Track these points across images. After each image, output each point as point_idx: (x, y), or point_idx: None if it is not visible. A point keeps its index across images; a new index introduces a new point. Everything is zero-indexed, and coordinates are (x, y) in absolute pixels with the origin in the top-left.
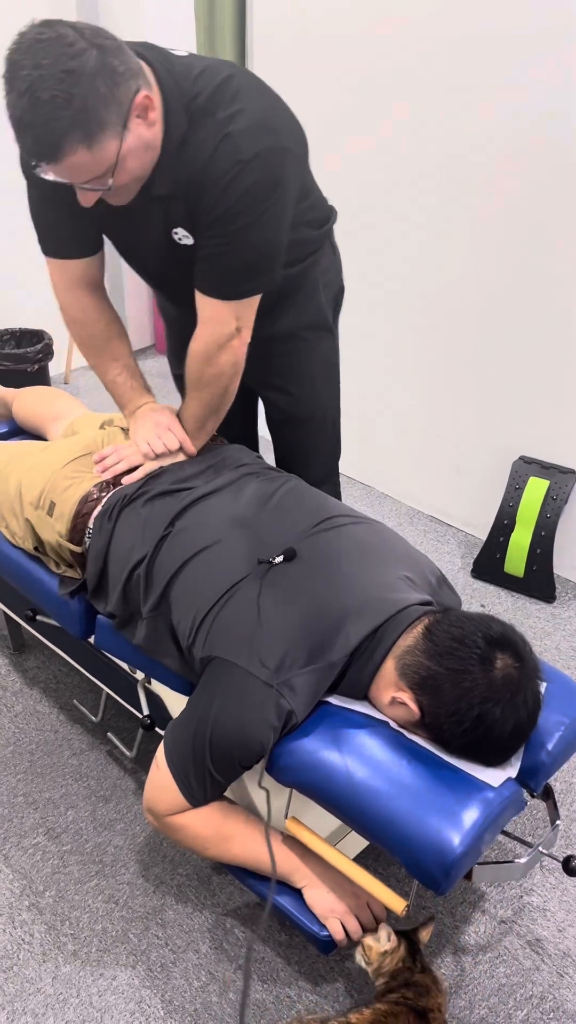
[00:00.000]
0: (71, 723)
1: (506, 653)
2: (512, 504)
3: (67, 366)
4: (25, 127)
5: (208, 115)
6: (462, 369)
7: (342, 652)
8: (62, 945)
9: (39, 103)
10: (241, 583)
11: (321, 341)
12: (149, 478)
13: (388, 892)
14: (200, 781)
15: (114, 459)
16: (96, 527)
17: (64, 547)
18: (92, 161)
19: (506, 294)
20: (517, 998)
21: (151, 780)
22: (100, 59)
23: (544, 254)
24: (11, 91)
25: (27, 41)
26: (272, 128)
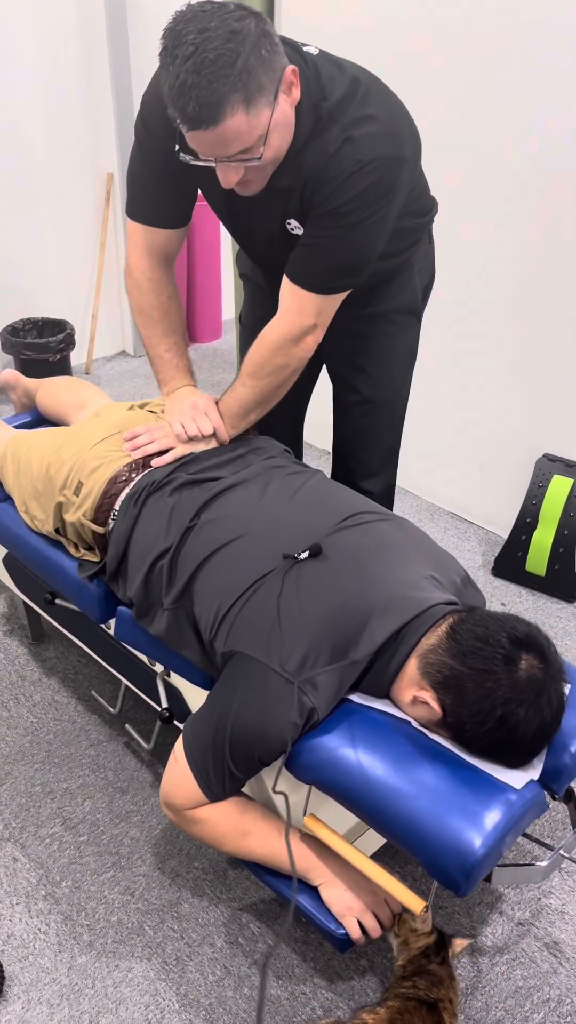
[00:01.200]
0: (89, 714)
1: (531, 654)
2: (535, 502)
3: (89, 356)
4: (188, 90)
5: (334, 118)
6: (487, 365)
7: (366, 651)
8: (78, 936)
9: (206, 62)
10: (266, 578)
11: (410, 327)
12: (178, 465)
13: (407, 892)
14: (219, 776)
15: (145, 439)
16: (122, 510)
17: (87, 528)
18: (247, 128)
19: (534, 292)
20: (534, 1000)
21: (169, 773)
22: (260, 27)
23: (571, 254)
24: (174, 59)
25: (190, 12)
26: (394, 137)
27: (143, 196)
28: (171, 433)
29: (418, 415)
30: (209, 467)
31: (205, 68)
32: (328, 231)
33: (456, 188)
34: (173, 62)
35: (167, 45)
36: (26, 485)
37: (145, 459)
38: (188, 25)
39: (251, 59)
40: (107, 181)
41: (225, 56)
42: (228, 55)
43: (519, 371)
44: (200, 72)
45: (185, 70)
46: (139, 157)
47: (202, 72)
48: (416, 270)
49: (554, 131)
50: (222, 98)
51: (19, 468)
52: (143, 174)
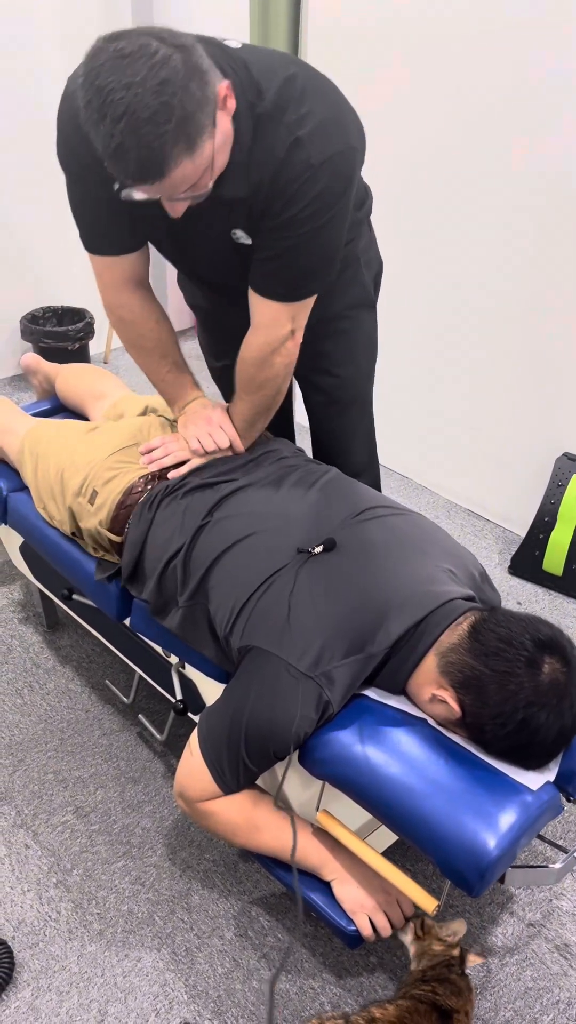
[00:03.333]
0: (102, 703)
1: (554, 657)
2: (554, 501)
3: (107, 346)
4: (125, 152)
5: (275, 119)
6: (506, 362)
7: (383, 644)
8: (88, 924)
9: (140, 123)
10: (279, 572)
11: (364, 320)
12: (192, 471)
13: (419, 890)
14: (233, 769)
15: (161, 452)
16: (136, 516)
17: (103, 535)
18: (193, 170)
19: (554, 288)
20: (544, 1002)
21: (183, 765)
22: (185, 61)
23: None
24: (102, 118)
25: (108, 61)
26: (341, 127)
27: (95, 227)
28: (187, 446)
29: (436, 412)
30: (223, 472)
31: (141, 128)
32: (291, 239)
33: (471, 181)
34: (102, 121)
35: (91, 101)
36: (43, 484)
37: (161, 471)
38: (110, 79)
39: (187, 106)
40: None
41: (160, 112)
42: (163, 111)
43: (539, 368)
44: (137, 132)
45: (119, 131)
46: (78, 190)
47: (139, 132)
48: (362, 263)
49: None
50: (164, 155)
51: (36, 465)
52: (87, 206)
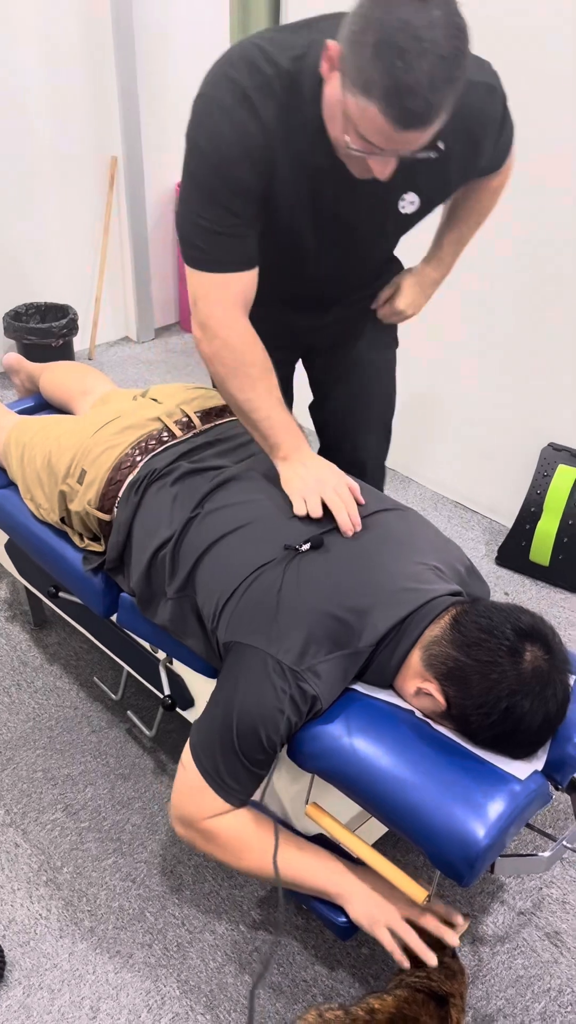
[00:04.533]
0: (91, 700)
1: (536, 645)
2: (540, 492)
3: (92, 342)
4: (413, 91)
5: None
6: (491, 354)
7: (368, 640)
8: (79, 921)
9: (437, 66)
10: (266, 567)
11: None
12: (180, 454)
13: (409, 881)
14: (232, 771)
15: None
16: (123, 498)
17: (92, 516)
18: (440, 124)
19: (537, 280)
20: (535, 990)
21: (178, 785)
22: (461, 13)
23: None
24: (399, 53)
25: (407, 2)
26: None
27: (221, 241)
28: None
29: (422, 404)
30: (212, 455)
31: (439, 68)
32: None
33: None
34: (399, 56)
35: (388, 34)
36: (30, 473)
37: (148, 441)
38: (414, 16)
39: (467, 58)
40: (111, 165)
41: (455, 59)
42: (457, 58)
43: (524, 360)
44: (432, 74)
45: (419, 68)
46: (212, 201)
47: (434, 75)
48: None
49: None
50: (446, 100)
51: (23, 455)
52: (221, 219)
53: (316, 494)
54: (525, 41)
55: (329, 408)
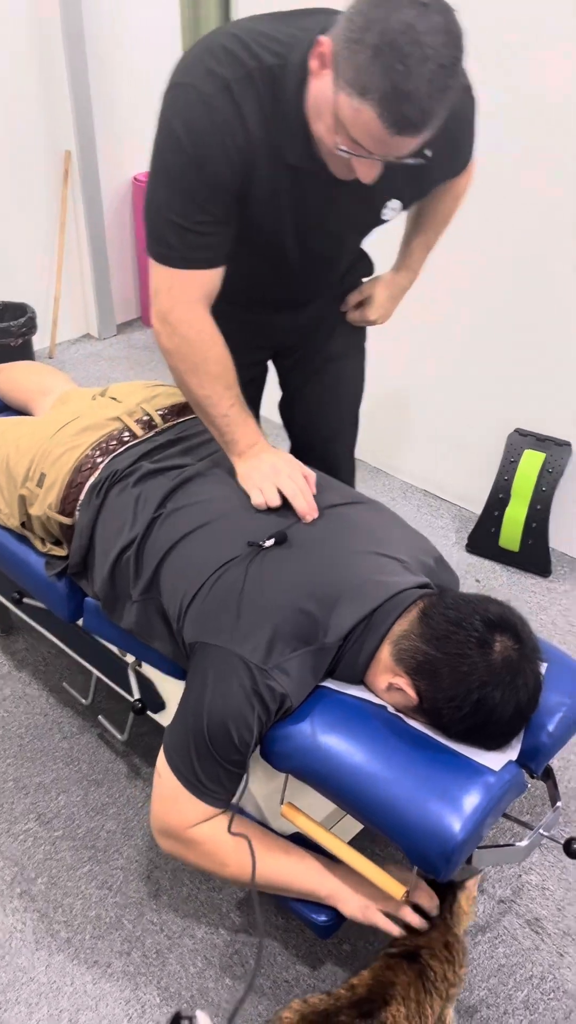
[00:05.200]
0: (61, 706)
1: (505, 635)
2: (507, 478)
3: (52, 340)
4: (411, 97)
5: None
6: (455, 342)
7: (335, 635)
8: (55, 933)
9: (438, 72)
10: (229, 565)
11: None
12: (142, 454)
13: (387, 878)
14: (210, 775)
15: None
16: (85, 500)
17: (53, 520)
18: (433, 131)
19: (499, 268)
20: (517, 978)
21: (156, 795)
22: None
23: (538, 231)
24: (401, 57)
25: (408, 5)
26: None
27: (192, 239)
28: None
29: (388, 393)
30: (174, 454)
31: (437, 78)
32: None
33: None
34: (400, 59)
35: (392, 39)
36: None
37: (109, 441)
38: (416, 21)
39: (463, 66)
40: (64, 160)
41: (453, 67)
42: (454, 66)
43: (488, 348)
44: (432, 81)
45: (419, 75)
46: (186, 198)
47: (434, 81)
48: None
49: (524, 107)
50: (441, 109)
51: None
52: (193, 216)
53: (271, 483)
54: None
55: (300, 407)
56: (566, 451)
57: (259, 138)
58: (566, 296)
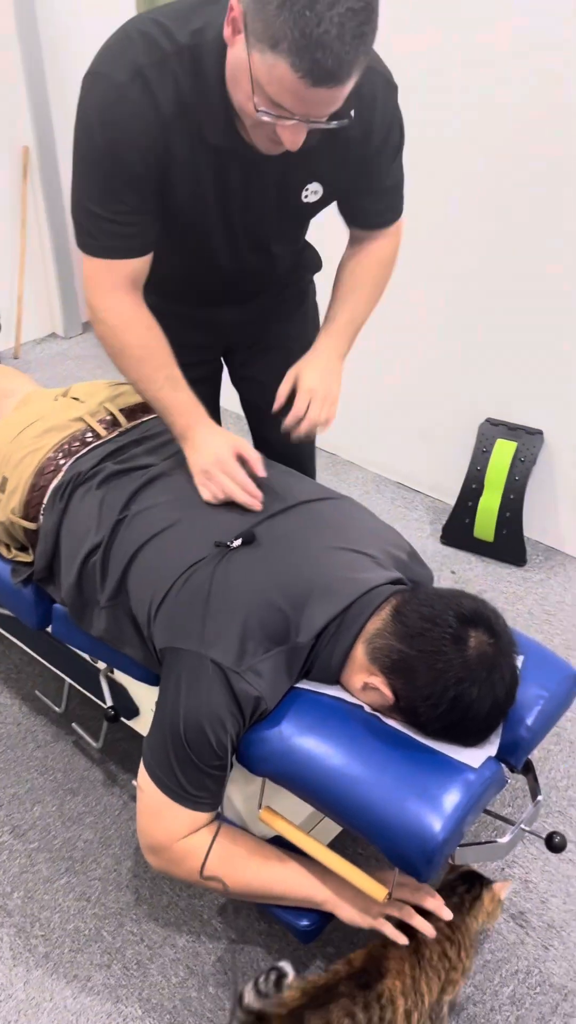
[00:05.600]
0: (34, 714)
1: (479, 630)
2: (480, 468)
3: (17, 340)
4: (329, 43)
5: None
6: (425, 332)
7: (307, 634)
8: (33, 948)
9: (350, 14)
10: (196, 567)
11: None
12: (106, 455)
13: (369, 880)
14: (194, 782)
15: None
16: (49, 504)
17: (17, 525)
18: (349, 88)
19: (467, 258)
20: (503, 974)
21: (141, 810)
22: None
23: (506, 219)
24: (312, 4)
25: None
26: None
27: (110, 228)
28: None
29: (359, 386)
30: (138, 454)
31: (348, 22)
32: (390, 158)
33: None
34: (311, 6)
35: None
36: None
37: (72, 443)
38: None
39: (376, 13)
40: (23, 155)
41: (365, 11)
42: (367, 10)
43: (458, 338)
44: (344, 25)
45: (329, 19)
46: (102, 188)
47: (346, 25)
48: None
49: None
50: (357, 56)
51: None
52: (110, 205)
53: (216, 477)
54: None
55: (257, 399)
56: (538, 440)
57: (176, 122)
58: (534, 286)
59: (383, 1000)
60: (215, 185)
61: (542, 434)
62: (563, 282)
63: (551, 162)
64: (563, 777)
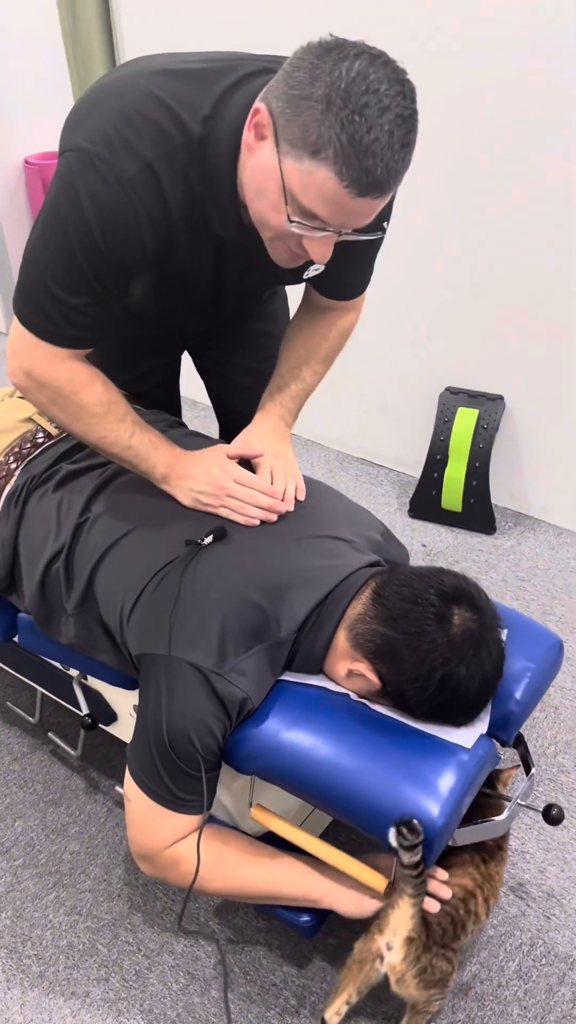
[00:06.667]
0: (8, 726)
1: (462, 606)
2: (443, 438)
3: None
4: (381, 151)
5: None
6: (380, 305)
7: (289, 628)
8: (26, 968)
9: (400, 122)
10: (167, 568)
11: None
12: (60, 455)
13: (367, 871)
14: (183, 786)
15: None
16: (3, 512)
17: None
18: (392, 193)
19: (418, 227)
20: (507, 948)
21: (131, 818)
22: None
23: (457, 187)
24: (363, 108)
25: (363, 57)
26: None
27: (73, 317)
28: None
29: None
30: (93, 452)
31: (398, 129)
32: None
33: None
34: (360, 111)
35: (346, 87)
36: None
37: (23, 445)
38: (372, 72)
39: (418, 117)
40: None
41: (412, 117)
42: (413, 116)
43: (413, 308)
44: (394, 133)
45: (380, 126)
46: (79, 279)
47: (396, 133)
48: None
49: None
50: (404, 166)
51: None
52: (81, 296)
53: (223, 501)
54: None
55: (226, 389)
56: (499, 405)
57: (182, 214)
58: (487, 251)
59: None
60: (213, 268)
61: (503, 399)
62: (514, 247)
63: (500, 125)
64: (550, 744)
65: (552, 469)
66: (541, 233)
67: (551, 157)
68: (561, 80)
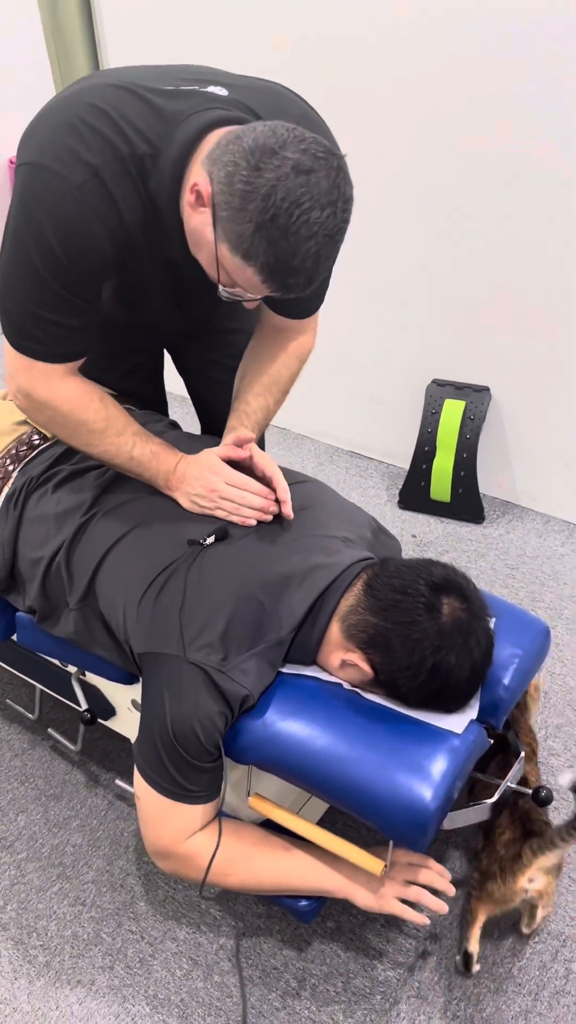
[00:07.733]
0: (8, 723)
1: (451, 596)
2: (431, 429)
3: None
4: (299, 271)
5: None
6: (366, 298)
7: (288, 626)
8: (32, 958)
9: (324, 243)
10: (171, 568)
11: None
12: (58, 456)
13: (364, 855)
14: (191, 777)
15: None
16: (2, 513)
17: None
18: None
19: (403, 221)
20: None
21: (143, 818)
22: (344, 167)
23: (441, 180)
24: (288, 235)
25: (291, 175)
26: None
27: (59, 333)
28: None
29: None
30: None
31: (325, 247)
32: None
33: (352, 115)
34: (286, 236)
35: (275, 214)
36: None
37: (19, 448)
38: (301, 194)
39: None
40: None
41: (339, 233)
42: (341, 232)
43: (399, 300)
44: (320, 252)
45: (306, 251)
46: (52, 293)
47: (322, 252)
48: None
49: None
50: (326, 271)
51: None
52: (60, 309)
53: (217, 503)
54: None
55: (203, 386)
56: (485, 396)
57: (138, 222)
58: (470, 244)
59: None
60: (170, 280)
61: (489, 390)
62: (499, 239)
63: (489, 116)
64: (540, 728)
65: (538, 458)
66: (527, 227)
67: (540, 149)
68: (552, 72)
